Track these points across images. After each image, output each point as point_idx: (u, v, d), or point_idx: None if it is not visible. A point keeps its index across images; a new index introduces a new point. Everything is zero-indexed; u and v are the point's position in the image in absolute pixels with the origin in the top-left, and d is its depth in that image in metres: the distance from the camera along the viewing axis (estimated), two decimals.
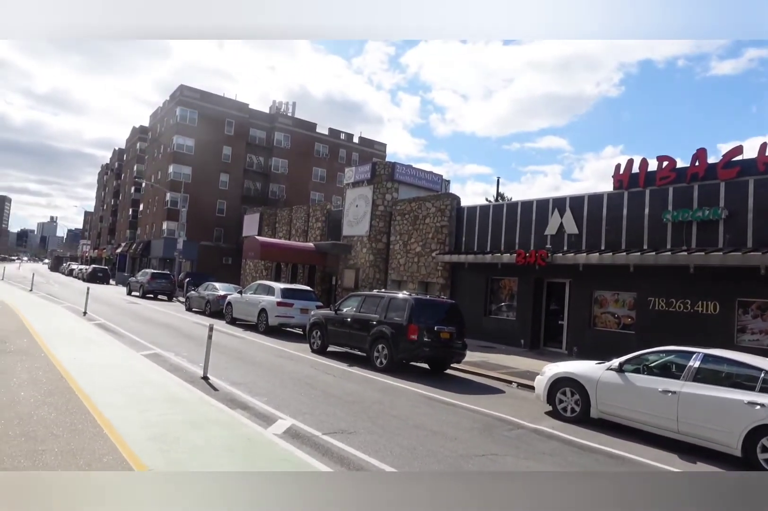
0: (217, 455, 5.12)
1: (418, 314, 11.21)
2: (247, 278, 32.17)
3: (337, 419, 6.99)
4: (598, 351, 13.18)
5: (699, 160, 13.66)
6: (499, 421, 7.73)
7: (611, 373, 7.72)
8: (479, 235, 19.11)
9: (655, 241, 14.22)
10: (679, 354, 7.46)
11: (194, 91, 43.99)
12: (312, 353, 13.06)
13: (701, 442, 6.73)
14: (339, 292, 23.96)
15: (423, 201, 21.33)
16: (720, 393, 6.61)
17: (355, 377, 10.28)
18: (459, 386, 10.33)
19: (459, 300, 17.94)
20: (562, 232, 16.48)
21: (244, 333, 15.80)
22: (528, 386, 10.22)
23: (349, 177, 25.27)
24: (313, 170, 49.08)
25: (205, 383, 8.32)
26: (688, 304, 13.31)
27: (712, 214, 13.15)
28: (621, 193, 15.19)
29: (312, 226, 28.20)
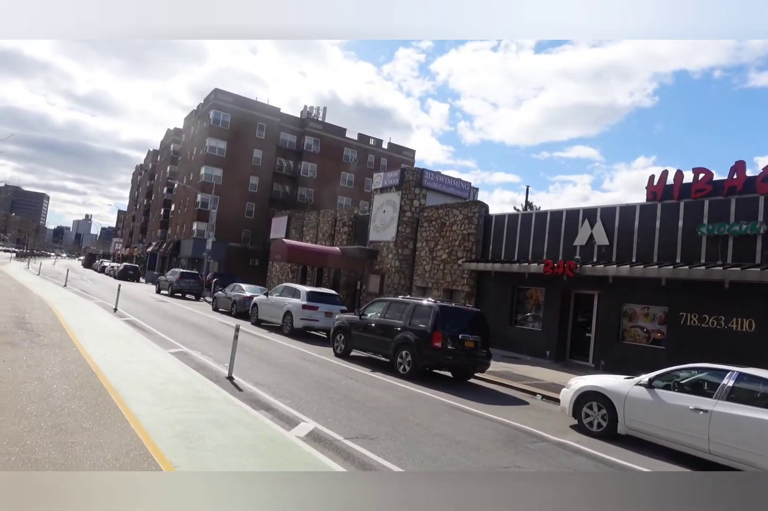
0: (240, 455, 5.16)
1: (442, 321, 11.14)
2: (273, 280, 32.49)
3: (359, 423, 6.98)
4: (625, 365, 12.90)
5: (737, 173, 13.31)
6: (523, 433, 7.61)
7: (640, 388, 7.54)
8: (507, 244, 18.93)
9: (689, 255, 13.87)
10: (712, 372, 7.24)
11: (228, 95, 44.82)
12: (335, 356, 13.09)
13: (734, 463, 6.50)
14: (363, 297, 24.00)
15: (450, 208, 21.26)
16: (755, 414, 6.38)
17: (377, 383, 10.26)
18: (482, 396, 10.21)
19: (484, 309, 17.77)
20: (592, 243, 16.21)
21: (269, 335, 15.93)
22: (553, 398, 10.05)
23: (377, 182, 25.35)
24: (342, 175, 49.40)
25: (229, 383, 8.41)
26: (722, 320, 12.93)
27: (750, 228, 12.78)
28: (654, 205, 14.89)
29: (339, 230, 28.34)
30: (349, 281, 26.58)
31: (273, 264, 33.43)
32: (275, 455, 5.39)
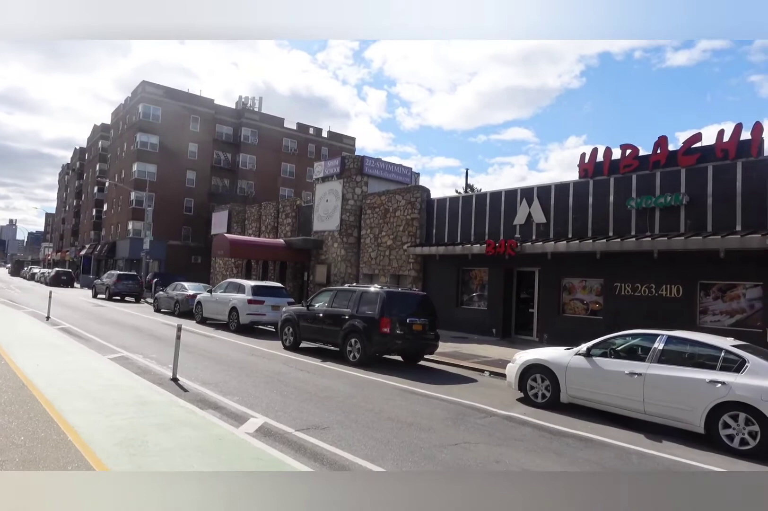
0: (187, 457, 5.02)
1: (389, 306, 11.21)
2: (217, 277, 31.72)
3: (310, 415, 6.95)
4: (567, 337, 13.42)
5: (660, 148, 13.96)
6: (472, 409, 7.80)
7: (579, 358, 7.86)
8: (449, 227, 19.20)
9: (620, 228, 14.51)
10: (644, 337, 7.63)
11: (157, 88, 42.93)
12: (284, 349, 12.96)
13: (667, 421, 6.91)
14: (311, 287, 23.83)
15: (393, 194, 21.32)
16: (683, 373, 6.79)
17: (328, 373, 10.24)
18: (432, 377, 10.39)
19: (431, 292, 18.05)
20: (531, 222, 16.68)
21: (215, 332, 15.57)
22: (500, 374, 10.33)
23: (318, 172, 25.08)
24: (282, 166, 48.52)
25: (174, 385, 8.17)
26: (652, 288, 13.64)
27: (673, 200, 13.46)
28: (586, 182, 15.43)
29: (282, 222, 27.92)
30: (296, 272, 26.30)
31: (216, 260, 32.61)
32: (224, 453, 5.29)
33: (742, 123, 12.64)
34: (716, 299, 12.81)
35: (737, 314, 12.45)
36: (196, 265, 40.66)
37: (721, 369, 6.60)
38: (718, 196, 12.82)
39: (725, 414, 6.35)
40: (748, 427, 6.20)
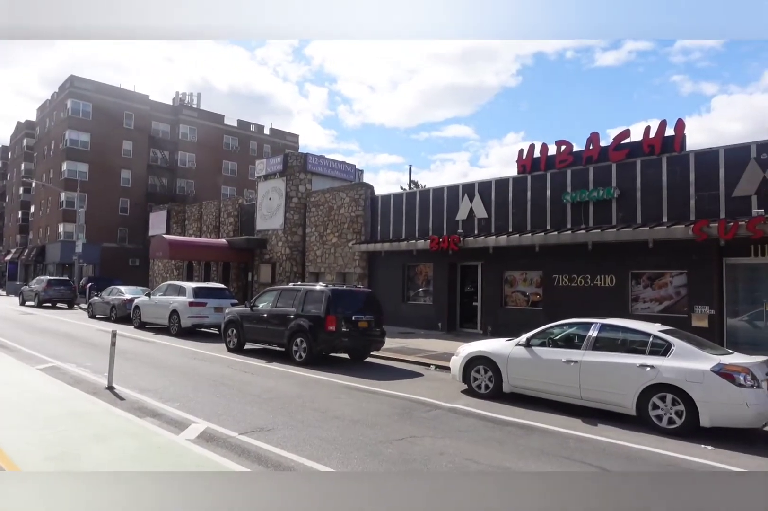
0: (123, 468, 4.81)
1: (335, 304, 11.16)
2: (157, 280, 30.61)
3: (254, 417, 6.82)
4: (510, 329, 13.79)
5: (592, 144, 14.53)
6: (418, 404, 7.89)
7: (520, 348, 8.09)
8: (394, 223, 19.31)
9: (557, 222, 15.02)
10: (579, 326, 7.94)
11: (86, 83, 40.88)
12: (228, 352, 12.67)
13: (601, 405, 7.23)
14: (256, 288, 23.40)
15: (337, 191, 21.22)
16: (615, 359, 7.12)
17: (274, 373, 10.09)
18: (379, 373, 10.42)
19: (377, 288, 18.12)
20: (473, 217, 17.00)
21: (155, 337, 15.03)
22: (445, 367, 10.48)
23: (260, 170, 24.63)
24: (223, 164, 47.35)
25: (110, 393, 7.82)
26: (588, 278, 14.22)
27: (605, 194, 14.06)
28: (525, 177, 15.88)
29: (224, 221, 27.25)
30: (240, 272, 25.75)
31: (155, 262, 31.46)
32: (163, 461, 5.10)
33: (666, 120, 13.34)
34: (646, 287, 13.50)
35: (665, 301, 13.17)
36: (134, 268, 39.12)
37: (650, 353, 6.95)
38: (646, 190, 13.48)
39: (654, 396, 6.70)
40: (674, 407, 6.57)
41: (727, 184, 12.23)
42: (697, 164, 12.73)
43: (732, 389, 6.22)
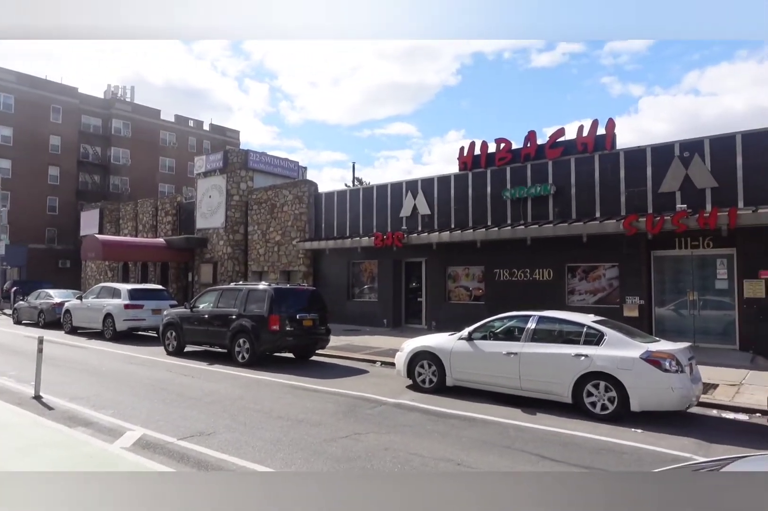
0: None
1: (278, 303, 10.99)
2: (89, 282, 29.15)
3: (194, 421, 6.62)
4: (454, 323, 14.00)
5: (530, 142, 14.97)
6: (363, 400, 7.89)
7: (462, 342, 8.24)
8: (338, 221, 19.22)
9: (498, 218, 15.39)
10: (518, 319, 8.17)
11: (8, 73, 38.29)
12: (168, 355, 12.24)
13: (540, 395, 7.47)
14: (196, 288, 22.71)
15: (280, 189, 20.90)
16: (553, 349, 7.37)
17: (215, 376, 9.83)
18: (324, 372, 10.36)
19: (322, 286, 18.01)
20: (416, 214, 17.16)
21: (88, 342, 14.32)
22: (391, 363, 10.53)
23: (199, 166, 23.89)
24: (160, 160, 45.62)
25: (37, 403, 7.38)
26: (527, 272, 14.66)
27: (542, 190, 14.53)
28: (466, 175, 16.16)
29: (162, 220, 26.27)
30: (179, 273, 24.93)
31: (87, 264, 29.96)
32: (95, 472, 4.86)
33: (598, 120, 13.92)
34: (581, 280, 14.06)
35: (599, 293, 13.77)
36: (64, 270, 37.11)
37: (584, 343, 7.24)
38: (581, 186, 14.03)
39: (588, 384, 6.99)
40: (607, 393, 6.87)
41: (653, 180, 12.90)
42: (626, 162, 13.35)
43: (659, 375, 6.58)
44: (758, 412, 7.19)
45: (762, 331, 11.33)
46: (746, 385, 8.77)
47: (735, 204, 11.65)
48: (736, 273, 11.89)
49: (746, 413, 7.35)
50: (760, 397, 7.50)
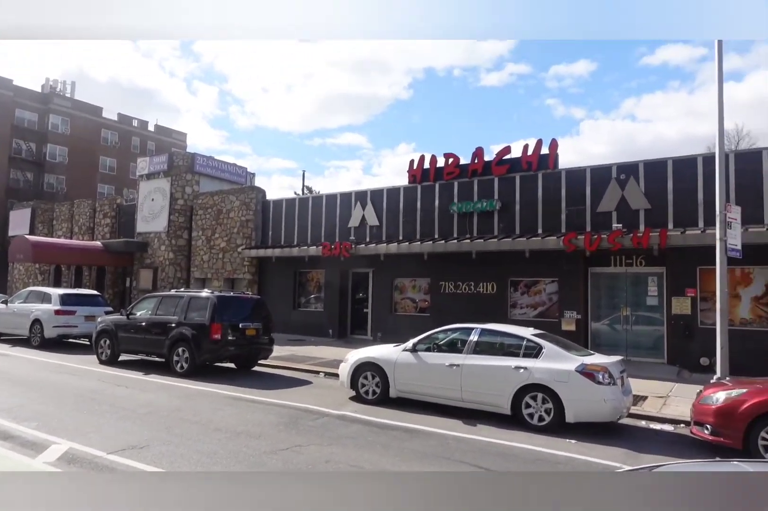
0: None
1: (221, 312, 10.73)
2: (17, 286, 27.44)
3: (127, 434, 6.33)
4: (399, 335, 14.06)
5: (477, 158, 15.38)
6: (305, 412, 7.79)
7: (406, 353, 8.30)
8: (286, 229, 19.03)
9: (445, 231, 15.67)
10: (462, 331, 8.31)
11: None
12: (101, 364, 11.68)
13: (481, 406, 7.61)
14: (135, 294, 21.82)
15: (227, 194, 20.49)
16: (493, 361, 7.54)
17: (151, 386, 9.45)
18: (266, 383, 10.16)
19: (267, 295, 17.72)
20: (365, 224, 17.23)
21: (12, 350, 13.47)
22: (335, 374, 10.44)
23: (142, 168, 23.10)
24: (101, 160, 43.77)
25: None
26: (472, 285, 14.97)
27: (488, 205, 14.92)
28: (415, 187, 16.39)
29: (100, 222, 25.16)
30: (116, 278, 23.89)
31: (15, 266, 28.22)
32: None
33: (542, 139, 14.49)
34: (523, 294, 14.49)
35: (539, 307, 14.22)
36: None
37: (524, 356, 7.46)
38: (524, 203, 14.51)
39: (527, 395, 7.19)
40: (544, 405, 7.09)
41: (592, 200, 13.52)
42: (567, 181, 13.94)
43: (593, 387, 6.85)
44: (682, 423, 7.60)
45: (687, 346, 12.02)
46: (672, 397, 9.26)
47: (666, 225, 12.37)
48: (666, 290, 12.59)
49: (672, 423, 7.75)
50: (684, 409, 7.93)
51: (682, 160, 12.67)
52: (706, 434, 6.34)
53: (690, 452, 6.33)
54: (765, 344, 11.17)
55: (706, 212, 11.79)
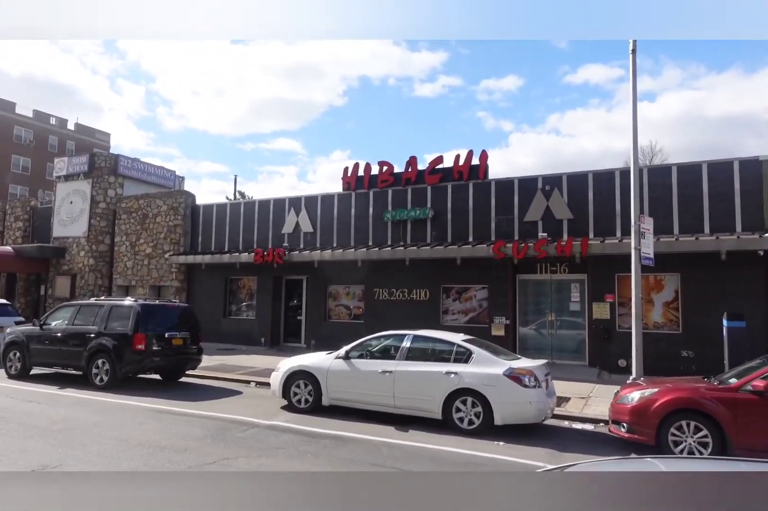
0: None
1: (145, 321, 10.24)
2: None
3: (37, 454, 5.88)
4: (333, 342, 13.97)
5: (411, 167, 15.61)
6: (234, 423, 7.55)
7: (339, 361, 8.25)
8: (217, 235, 18.49)
9: (379, 238, 15.77)
10: (394, 337, 8.37)
11: None
12: (9, 379, 10.83)
13: (413, 412, 7.68)
14: (50, 303, 20.42)
15: (153, 198, 19.66)
16: (425, 367, 7.65)
17: (67, 401, 8.86)
18: (194, 394, 9.78)
19: (196, 303, 17.13)
20: (299, 231, 17.04)
21: None
22: (266, 383, 10.21)
23: (60, 168, 21.75)
24: (13, 159, 40.88)
25: None
26: (406, 292, 15.14)
27: (422, 213, 15.17)
28: (349, 195, 16.41)
29: (11, 226, 23.40)
30: (29, 285, 22.28)
31: None
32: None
33: (473, 150, 14.93)
34: (455, 301, 14.81)
35: (470, 313, 14.58)
36: None
37: (454, 361, 7.61)
38: (456, 211, 14.86)
39: (457, 400, 7.33)
40: (474, 409, 7.26)
41: (520, 209, 14.06)
42: (497, 191, 14.43)
43: (519, 390, 7.09)
44: (602, 422, 8.00)
45: (606, 348, 12.70)
46: (593, 397, 9.75)
47: (587, 235, 13.05)
48: (587, 296, 13.26)
49: (592, 423, 8.14)
50: (604, 409, 8.36)
51: (601, 173, 13.45)
52: (623, 432, 6.72)
53: (608, 449, 6.67)
54: (675, 345, 12.00)
55: (623, 223, 12.56)
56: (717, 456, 5.65)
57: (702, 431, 6.22)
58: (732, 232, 11.78)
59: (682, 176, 12.49)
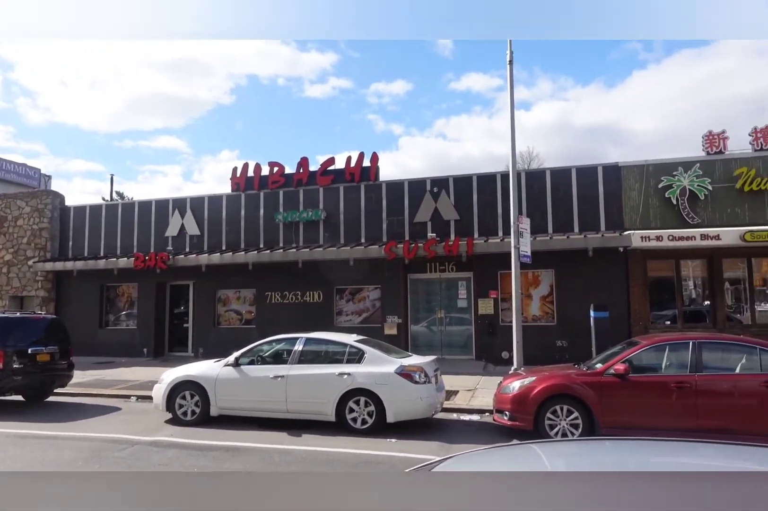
0: None
1: (4, 336, 9.16)
2: None
3: None
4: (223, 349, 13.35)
5: (303, 168, 15.44)
6: (111, 442, 6.95)
7: (228, 369, 7.92)
8: (91, 239, 17.00)
9: (270, 240, 15.42)
10: (286, 341, 8.20)
11: None
12: None
13: (307, 416, 7.58)
14: None
15: (13, 199, 17.66)
16: (318, 370, 7.57)
17: None
18: (64, 414, 8.88)
19: (67, 314, 15.67)
20: (184, 234, 16.18)
21: None
22: (149, 397, 9.55)
23: None
24: None
25: None
26: (299, 295, 14.93)
27: (314, 215, 15.05)
28: (239, 196, 15.87)
29: None
30: None
31: None
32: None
33: (364, 152, 15.08)
34: (348, 302, 14.87)
35: (364, 313, 14.71)
36: None
37: (347, 362, 7.61)
38: (348, 213, 14.93)
39: (351, 401, 7.34)
40: (367, 408, 7.30)
41: (410, 211, 14.44)
42: (387, 193, 14.70)
43: (410, 387, 7.24)
44: (488, 412, 8.41)
45: (491, 342, 13.42)
46: (480, 389, 10.23)
47: (473, 234, 13.71)
48: (473, 293, 13.92)
49: (479, 414, 8.54)
50: (489, 399, 8.79)
51: (483, 176, 14.20)
52: (505, 419, 7.11)
53: (494, 438, 7.01)
54: (551, 336, 12.97)
55: (504, 223, 13.35)
56: (585, 437, 6.15)
57: (573, 414, 6.75)
58: (597, 231, 12.98)
59: (555, 180, 13.55)
